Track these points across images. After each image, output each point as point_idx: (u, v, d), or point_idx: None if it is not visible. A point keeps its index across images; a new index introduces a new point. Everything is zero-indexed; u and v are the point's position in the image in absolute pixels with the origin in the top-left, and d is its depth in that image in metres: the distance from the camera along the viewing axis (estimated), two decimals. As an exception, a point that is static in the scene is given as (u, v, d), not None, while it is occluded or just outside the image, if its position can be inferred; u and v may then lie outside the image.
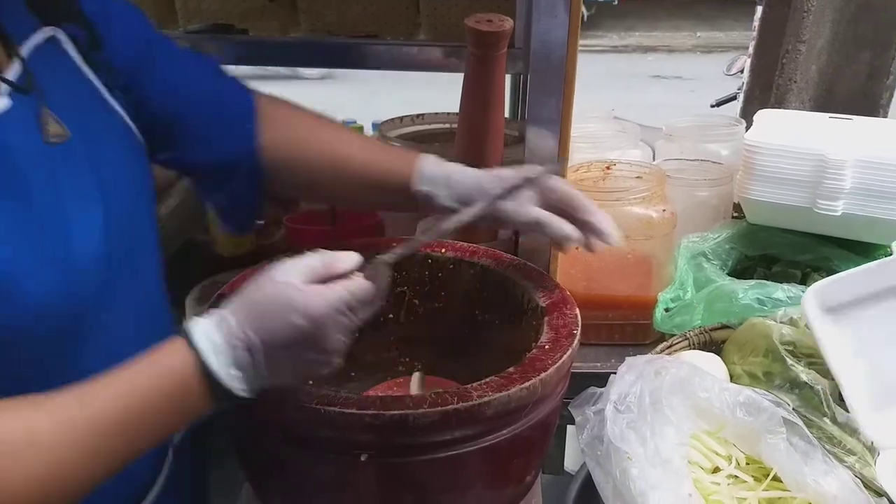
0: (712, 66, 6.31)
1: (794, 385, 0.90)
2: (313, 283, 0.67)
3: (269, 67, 1.43)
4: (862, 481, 0.83)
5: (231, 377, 0.65)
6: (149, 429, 0.64)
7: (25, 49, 0.69)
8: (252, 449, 0.82)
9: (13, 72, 0.67)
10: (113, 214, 0.72)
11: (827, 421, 0.88)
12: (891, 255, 1.18)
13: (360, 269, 0.70)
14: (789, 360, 0.90)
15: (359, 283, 0.69)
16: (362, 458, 0.72)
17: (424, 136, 1.51)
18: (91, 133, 0.73)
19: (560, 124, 1.01)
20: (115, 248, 0.72)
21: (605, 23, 10.38)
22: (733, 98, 3.27)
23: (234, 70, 0.96)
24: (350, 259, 0.70)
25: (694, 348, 1.04)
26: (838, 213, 1.15)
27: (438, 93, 1.43)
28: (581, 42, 0.98)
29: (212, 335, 0.65)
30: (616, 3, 10.45)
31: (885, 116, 1.68)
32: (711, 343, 1.05)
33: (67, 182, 0.68)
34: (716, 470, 0.84)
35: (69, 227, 0.67)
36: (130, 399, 0.62)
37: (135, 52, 0.83)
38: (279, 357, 0.66)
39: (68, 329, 0.68)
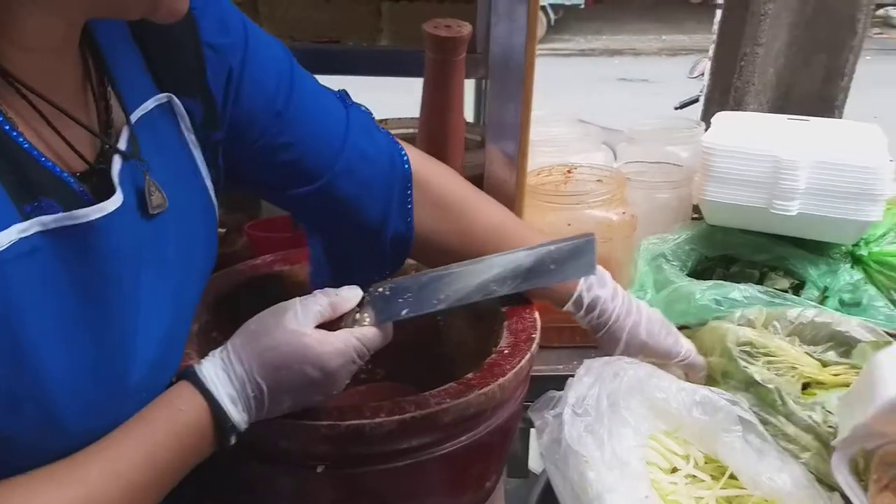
0: (677, 69, 6.40)
1: (750, 384, 0.91)
2: (322, 326, 0.69)
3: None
4: (816, 477, 0.84)
5: (244, 422, 0.67)
6: (171, 481, 0.65)
7: (135, 115, 0.64)
8: (208, 464, 0.81)
9: (122, 139, 0.62)
10: (179, 315, 0.70)
11: (781, 419, 0.89)
12: (849, 250, 1.21)
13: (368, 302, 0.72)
14: (742, 363, 0.91)
15: (370, 333, 0.71)
16: (319, 470, 0.72)
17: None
18: (181, 209, 0.67)
19: (519, 129, 1.02)
20: (169, 357, 0.70)
21: (573, 26, 10.49)
22: (696, 100, 3.33)
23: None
24: (353, 294, 0.72)
25: (654, 349, 1.05)
26: (794, 214, 1.17)
27: (405, 95, 1.43)
28: (548, 46, 0.99)
29: (225, 384, 0.66)
30: (583, 6, 10.56)
31: (841, 117, 1.72)
32: (671, 344, 1.06)
33: (150, 264, 0.63)
34: (674, 470, 0.85)
35: (136, 331, 0.62)
36: (155, 460, 0.62)
37: (264, 128, 0.76)
38: (284, 400, 0.68)
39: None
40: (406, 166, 0.85)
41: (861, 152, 1.18)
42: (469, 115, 1.87)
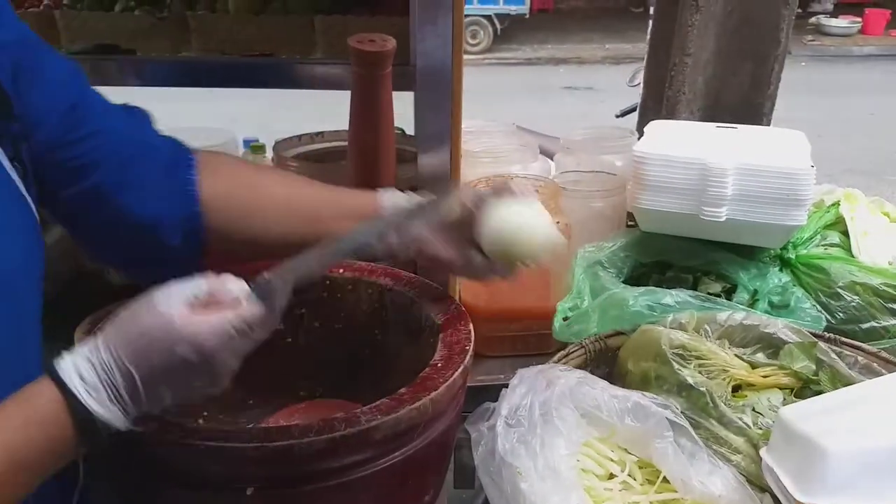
0: (621, 77, 6.51)
1: (682, 388, 0.92)
2: (198, 310, 0.66)
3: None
4: (747, 479, 0.86)
5: (110, 412, 0.63)
6: (31, 476, 0.63)
7: None
8: (136, 493, 0.79)
9: None
10: None
11: (713, 422, 0.91)
12: (777, 253, 1.24)
13: (252, 289, 0.69)
14: (676, 365, 0.93)
15: (248, 309, 0.67)
16: (248, 492, 0.70)
17: (324, 154, 1.49)
18: None
19: (450, 140, 1.02)
20: None
21: (518, 36, 10.61)
22: (636, 108, 3.39)
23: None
24: (236, 286, 0.69)
25: (590, 356, 1.06)
26: (723, 219, 1.20)
27: (341, 106, 1.42)
28: (494, 55, 1.00)
29: (83, 372, 0.63)
30: (528, 16, 10.69)
31: (769, 124, 1.77)
32: (607, 350, 1.07)
33: None
34: (611, 476, 0.86)
35: None
36: (10, 453, 0.60)
37: (58, 123, 0.77)
38: (160, 387, 0.65)
39: None
40: (190, 156, 0.86)
41: (785, 158, 1.22)
42: (409, 127, 1.87)
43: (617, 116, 3.49)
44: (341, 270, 1.06)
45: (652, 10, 1.95)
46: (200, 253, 0.86)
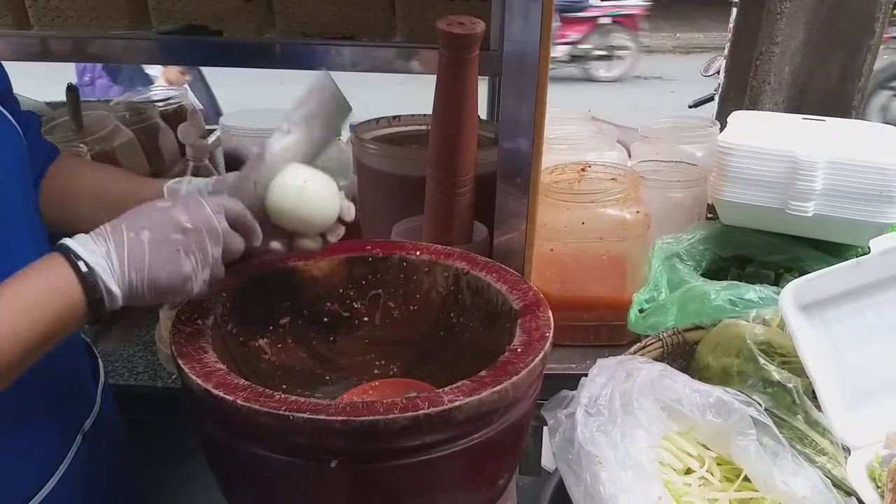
0: (691, 67, 6.35)
1: (767, 384, 0.90)
2: None
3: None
4: (832, 481, 0.83)
5: (93, 251, 0.71)
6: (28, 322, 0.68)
7: None
8: (223, 454, 0.82)
9: None
10: None
11: (800, 419, 0.88)
12: (866, 253, 1.20)
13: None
14: (762, 360, 0.90)
15: (234, 201, 0.79)
16: (332, 465, 0.72)
17: (400, 138, 1.50)
18: None
19: (533, 127, 1.01)
20: None
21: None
22: (710, 99, 3.30)
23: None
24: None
25: (667, 349, 1.04)
26: (810, 214, 1.16)
27: (416, 92, 1.43)
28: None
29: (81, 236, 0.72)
30: (596, 4, 10.48)
31: (857, 118, 1.70)
32: (685, 343, 1.06)
33: None
34: (688, 471, 0.85)
35: None
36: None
37: (4, 86, 0.88)
38: (141, 231, 0.72)
39: None
40: (52, 156, 0.97)
41: (877, 153, 1.17)
42: (482, 112, 1.87)
43: (690, 107, 3.42)
44: (418, 253, 1.06)
45: (738, -2, 1.88)
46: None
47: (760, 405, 0.88)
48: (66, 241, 0.72)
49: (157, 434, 1.17)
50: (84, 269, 0.70)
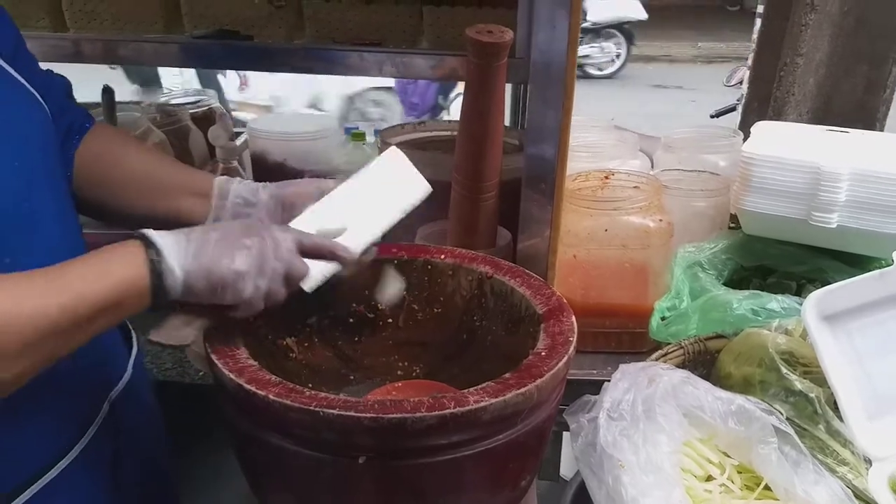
0: (713, 77, 6.33)
1: (789, 394, 0.91)
2: None
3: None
4: (853, 492, 0.84)
5: (161, 235, 0.74)
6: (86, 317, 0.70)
7: None
8: (251, 446, 0.84)
9: None
10: None
11: (821, 429, 0.89)
12: (889, 265, 1.19)
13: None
14: (784, 369, 0.91)
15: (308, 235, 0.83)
16: (360, 461, 0.73)
17: (425, 142, 1.52)
18: None
19: (559, 134, 1.03)
20: (3, 189, 0.74)
21: (608, 32, 10.39)
22: (732, 109, 3.29)
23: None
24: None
25: (689, 357, 1.05)
26: (833, 226, 1.17)
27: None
28: None
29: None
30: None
31: (882, 129, 1.70)
32: (706, 352, 1.07)
33: None
34: (709, 478, 0.85)
35: None
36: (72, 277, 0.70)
37: (12, 44, 0.86)
38: (211, 233, 0.77)
39: None
40: (86, 125, 0.95)
41: (903, 165, 1.17)
42: (506, 118, 1.88)
43: (712, 116, 3.40)
44: (442, 256, 1.08)
45: (761, 8, 1.89)
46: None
47: (782, 414, 0.88)
48: (142, 229, 0.76)
49: (183, 429, 1.19)
50: (152, 245, 0.73)
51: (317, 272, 0.85)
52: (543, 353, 0.83)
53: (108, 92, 1.39)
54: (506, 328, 1.02)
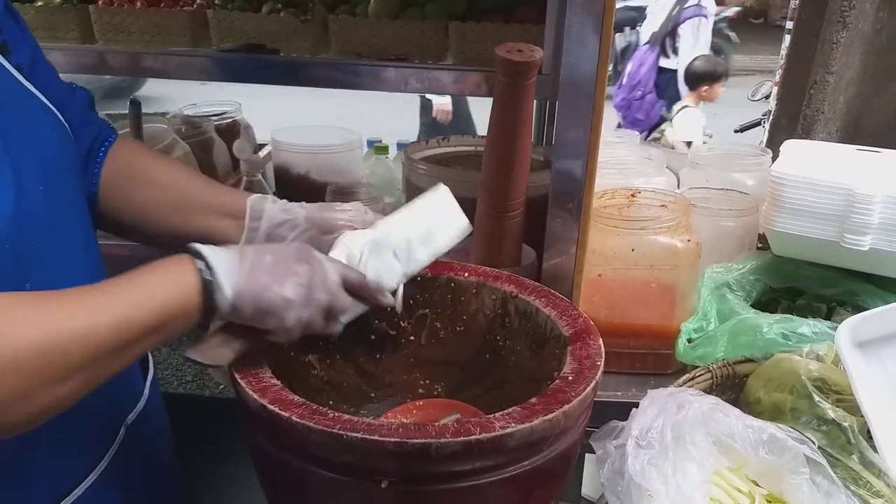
0: (737, 91, 6.28)
1: (822, 422, 0.89)
2: None
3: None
4: (888, 525, 0.82)
5: (215, 252, 0.73)
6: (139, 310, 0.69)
7: None
8: (273, 466, 0.83)
9: None
10: (25, 181, 0.72)
11: (854, 459, 0.86)
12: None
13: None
14: (817, 397, 0.89)
15: (355, 271, 0.83)
16: (383, 485, 0.72)
17: (449, 158, 1.51)
18: (2, 112, 0.74)
19: (587, 152, 1.02)
20: (31, 213, 0.73)
21: (630, 44, 10.35)
22: (758, 123, 3.26)
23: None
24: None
25: (716, 381, 1.03)
26: (866, 248, 1.14)
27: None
28: None
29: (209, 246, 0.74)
30: (640, 25, 10.44)
31: (914, 150, 1.67)
32: (735, 376, 1.05)
33: None
34: (738, 507, 0.83)
35: None
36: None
37: (30, 56, 0.84)
38: (265, 255, 0.76)
39: None
40: (111, 138, 0.94)
41: (939, 188, 1.14)
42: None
43: (736, 131, 3.38)
44: (466, 274, 1.07)
45: (789, 24, 1.87)
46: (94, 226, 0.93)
47: (814, 443, 0.86)
48: (193, 244, 0.75)
49: (203, 442, 1.19)
50: (205, 262, 0.72)
51: (353, 307, 0.85)
52: (570, 378, 0.81)
53: (135, 104, 1.40)
54: (530, 349, 1.01)
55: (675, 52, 4.15)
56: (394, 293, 0.90)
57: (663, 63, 4.14)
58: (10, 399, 0.60)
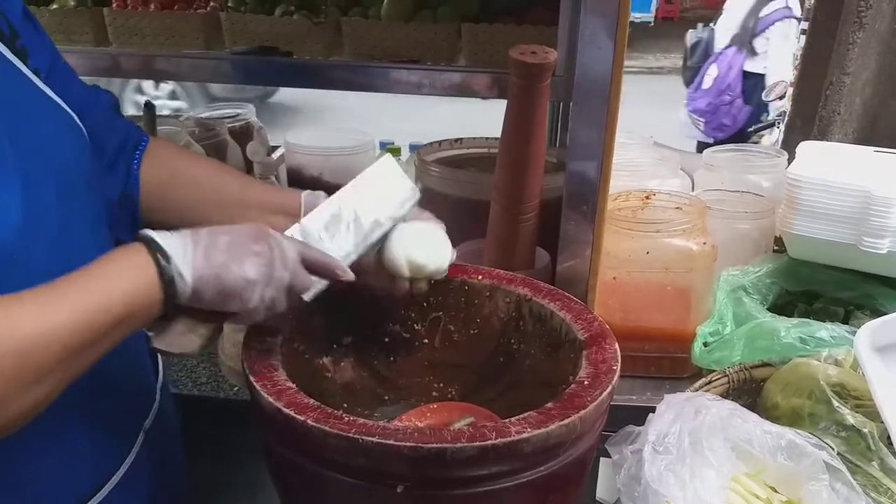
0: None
1: (841, 427, 0.88)
2: None
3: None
4: (909, 532, 0.80)
5: (167, 238, 0.71)
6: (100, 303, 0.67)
7: None
8: (289, 471, 0.83)
9: None
10: (35, 189, 0.71)
11: (874, 466, 0.85)
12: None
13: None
14: (836, 402, 0.88)
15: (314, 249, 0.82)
16: (398, 490, 0.72)
17: (462, 160, 1.51)
18: (13, 115, 0.72)
19: (602, 154, 1.01)
20: (40, 221, 0.72)
21: (641, 44, 10.33)
22: (771, 124, 3.24)
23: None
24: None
25: (733, 385, 1.02)
26: (884, 252, 1.13)
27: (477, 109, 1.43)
28: None
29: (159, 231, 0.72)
30: (652, 24, 10.43)
31: (931, 151, 1.65)
32: (751, 380, 1.03)
33: None
34: (756, 514, 0.82)
35: None
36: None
37: (48, 60, 0.84)
38: (220, 237, 0.74)
39: None
40: (142, 141, 0.93)
41: (957, 190, 1.13)
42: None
43: (749, 131, 3.36)
44: (479, 277, 1.06)
45: (806, 25, 1.85)
46: (135, 230, 0.91)
47: (833, 449, 0.85)
48: (144, 231, 0.72)
49: (217, 444, 1.19)
50: (159, 249, 0.70)
51: (314, 284, 0.83)
52: (586, 383, 0.81)
53: (149, 107, 1.41)
54: (544, 352, 1.00)
55: (756, 53, 3.85)
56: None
57: (748, 66, 3.83)
58: None
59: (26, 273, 0.68)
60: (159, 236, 0.71)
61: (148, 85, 5.21)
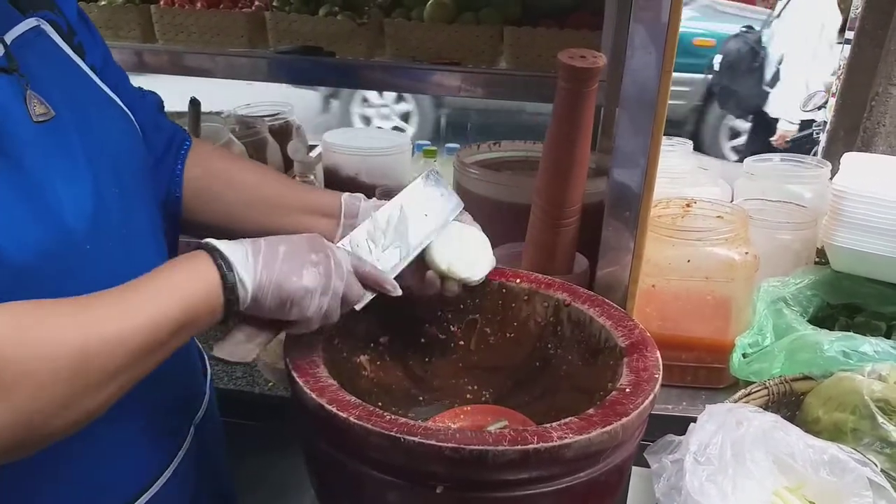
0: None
1: (885, 444, 0.86)
2: None
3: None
4: (954, 554, 0.79)
5: (229, 247, 0.73)
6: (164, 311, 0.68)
7: (9, 37, 0.71)
8: (328, 468, 0.83)
9: None
10: (102, 180, 0.73)
11: (918, 486, 0.84)
12: None
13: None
14: (880, 418, 0.86)
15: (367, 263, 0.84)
16: (438, 490, 0.72)
17: (500, 163, 1.51)
18: (79, 110, 0.75)
19: (647, 161, 1.00)
20: (108, 212, 0.74)
21: (675, 50, 10.22)
22: (810, 135, 3.19)
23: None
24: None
25: (773, 398, 1.01)
26: (930, 267, 1.11)
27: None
28: None
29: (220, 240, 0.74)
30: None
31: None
32: (791, 393, 1.02)
33: (57, 154, 0.70)
34: (796, 529, 0.81)
35: (58, 192, 0.68)
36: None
37: (102, 57, 0.86)
38: (279, 247, 0.75)
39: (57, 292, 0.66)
40: (186, 142, 0.95)
41: None
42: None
43: (787, 142, 3.32)
44: (518, 281, 1.06)
45: (853, 34, 1.82)
46: (177, 230, 0.94)
47: (876, 465, 0.84)
48: (208, 240, 0.74)
49: (252, 438, 1.20)
50: (221, 258, 0.72)
51: (365, 295, 0.86)
52: (628, 390, 0.80)
53: (194, 103, 1.43)
54: (582, 359, 1.00)
55: None
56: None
57: None
58: (52, 408, 0.60)
59: (95, 264, 0.70)
60: (222, 244, 0.73)
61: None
